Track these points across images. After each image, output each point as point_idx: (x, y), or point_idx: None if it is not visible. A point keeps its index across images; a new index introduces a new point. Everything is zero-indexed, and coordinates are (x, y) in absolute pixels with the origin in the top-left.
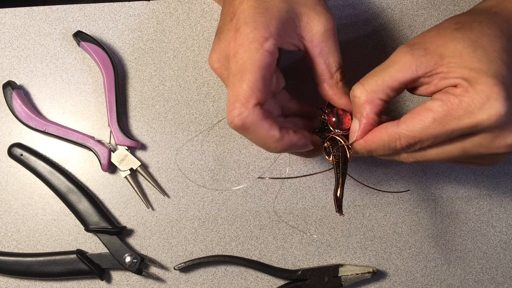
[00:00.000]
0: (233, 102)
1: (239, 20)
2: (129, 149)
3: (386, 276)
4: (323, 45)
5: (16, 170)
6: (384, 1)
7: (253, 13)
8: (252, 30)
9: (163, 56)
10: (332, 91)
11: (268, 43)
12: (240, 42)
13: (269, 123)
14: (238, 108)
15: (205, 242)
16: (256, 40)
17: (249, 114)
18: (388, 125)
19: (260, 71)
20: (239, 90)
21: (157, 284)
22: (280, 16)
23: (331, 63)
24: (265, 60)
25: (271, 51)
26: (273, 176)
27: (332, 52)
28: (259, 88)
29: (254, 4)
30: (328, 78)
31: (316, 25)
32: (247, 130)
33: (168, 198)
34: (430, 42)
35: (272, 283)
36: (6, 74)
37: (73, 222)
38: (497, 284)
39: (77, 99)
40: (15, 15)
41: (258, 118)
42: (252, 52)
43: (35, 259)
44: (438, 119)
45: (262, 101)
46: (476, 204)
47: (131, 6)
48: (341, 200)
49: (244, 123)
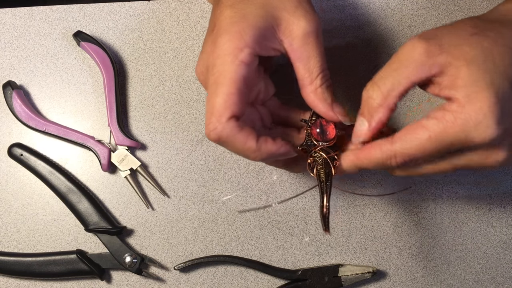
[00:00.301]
0: (209, 116)
1: (218, 31)
2: (129, 149)
3: (386, 276)
4: (302, 49)
5: (16, 170)
6: (384, 1)
7: (228, 23)
8: (226, 42)
9: (163, 56)
10: (311, 97)
11: (243, 54)
12: (216, 55)
13: (244, 135)
14: (212, 123)
15: (205, 242)
16: (230, 52)
17: (224, 128)
18: (382, 143)
19: (234, 84)
20: (214, 104)
21: (157, 284)
22: (257, 23)
23: (312, 67)
24: (240, 72)
25: (247, 62)
26: (253, 207)
27: (313, 57)
28: (234, 102)
29: (230, 14)
30: (308, 83)
31: (295, 29)
32: (223, 143)
33: (168, 198)
34: (445, 39)
35: (272, 283)
36: (6, 74)
37: (73, 222)
38: (497, 284)
39: (77, 99)
40: (15, 15)
41: (232, 132)
42: (227, 65)
43: (35, 259)
44: (433, 137)
45: (238, 113)
46: (476, 204)
47: (131, 6)
48: (327, 217)
49: (219, 137)
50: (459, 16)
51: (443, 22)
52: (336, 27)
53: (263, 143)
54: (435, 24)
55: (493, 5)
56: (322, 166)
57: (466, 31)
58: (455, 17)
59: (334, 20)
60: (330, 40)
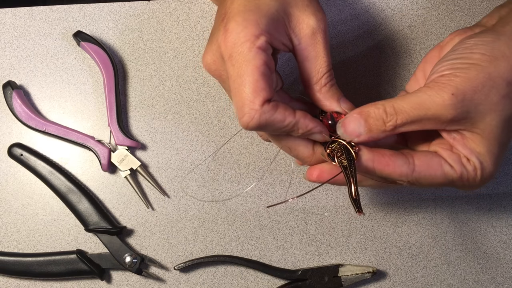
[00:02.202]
0: (241, 107)
1: (229, 20)
2: (129, 149)
3: (386, 276)
4: (310, 49)
5: (16, 170)
6: (384, 1)
7: (242, 11)
8: (242, 29)
9: (163, 56)
10: (317, 96)
11: (260, 41)
12: (232, 43)
13: (281, 113)
14: (248, 113)
15: (205, 242)
16: (248, 39)
17: (260, 114)
18: (402, 165)
19: (257, 70)
20: (243, 95)
21: (157, 284)
22: (271, 14)
23: (318, 67)
24: (260, 58)
25: (264, 48)
26: (278, 202)
27: (320, 56)
28: (262, 87)
29: (244, 2)
30: (314, 82)
31: (304, 28)
32: (263, 128)
33: (168, 198)
34: (476, 94)
35: (272, 283)
36: (6, 74)
37: (73, 222)
38: (497, 284)
39: (77, 99)
40: (15, 15)
41: (270, 114)
42: (246, 53)
43: (35, 259)
44: (448, 182)
45: (269, 97)
46: (476, 204)
47: (131, 6)
48: (358, 200)
49: (259, 123)
50: (459, 16)
51: (443, 22)
52: (336, 27)
53: (301, 117)
54: (435, 24)
55: (493, 5)
56: (343, 153)
57: (501, 86)
58: (455, 17)
59: (334, 20)
60: (330, 40)
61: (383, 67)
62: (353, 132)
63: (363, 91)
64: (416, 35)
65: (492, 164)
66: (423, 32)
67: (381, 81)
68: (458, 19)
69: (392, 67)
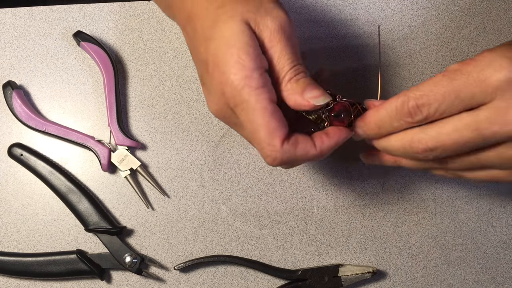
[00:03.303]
0: (261, 150)
1: (216, 70)
2: (129, 149)
3: (386, 276)
4: (273, 50)
5: (16, 170)
6: (384, 1)
7: (222, 56)
8: (235, 78)
9: (163, 56)
10: (283, 95)
11: (255, 80)
12: (231, 94)
13: (302, 148)
14: (270, 156)
15: (205, 242)
16: (244, 85)
17: (282, 154)
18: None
19: (266, 111)
20: (260, 140)
21: (157, 284)
22: (245, 42)
23: (281, 65)
24: (263, 98)
25: (262, 84)
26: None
27: (282, 56)
28: (275, 127)
29: (216, 45)
30: (280, 83)
31: (262, 30)
32: (288, 164)
33: (168, 198)
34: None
35: (272, 283)
36: (6, 74)
37: (73, 222)
38: (497, 284)
39: (77, 99)
40: (15, 15)
41: (291, 152)
42: (248, 100)
43: (35, 259)
44: (447, 75)
45: (284, 134)
46: (476, 204)
47: (131, 6)
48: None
49: (282, 162)
50: (459, 16)
51: (443, 22)
52: (336, 27)
53: (320, 144)
54: (435, 24)
55: (493, 5)
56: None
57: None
58: (455, 17)
59: (334, 20)
60: (330, 41)
61: (383, 67)
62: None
63: (363, 91)
64: (416, 35)
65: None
66: (423, 32)
67: (381, 81)
68: (458, 19)
69: (392, 67)
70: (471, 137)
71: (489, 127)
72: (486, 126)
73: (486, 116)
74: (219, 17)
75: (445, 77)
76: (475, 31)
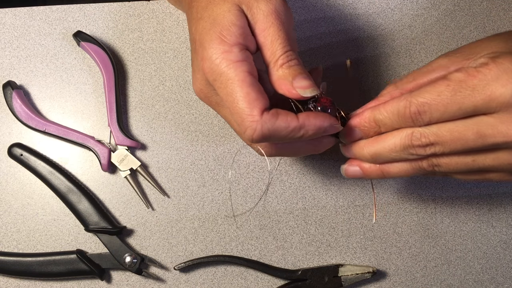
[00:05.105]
0: (241, 123)
1: (200, 46)
2: (129, 149)
3: (386, 276)
4: (265, 33)
5: (16, 170)
6: (384, 1)
7: (206, 34)
8: (213, 52)
9: (163, 56)
10: (273, 80)
11: (233, 54)
12: (209, 68)
13: (283, 118)
14: (249, 127)
15: (205, 242)
16: (222, 58)
17: (262, 124)
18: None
19: (244, 83)
20: (239, 111)
21: (157, 284)
22: (230, 21)
23: (274, 49)
24: (242, 70)
25: (241, 58)
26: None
27: (275, 40)
28: (255, 97)
29: (202, 25)
30: (271, 68)
31: (255, 13)
32: (269, 138)
33: (168, 198)
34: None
35: (272, 283)
36: (6, 74)
37: (73, 222)
38: (497, 284)
39: (77, 99)
40: (15, 15)
41: (271, 122)
42: (226, 72)
43: (35, 259)
44: (452, 85)
45: (265, 105)
46: (476, 204)
47: (131, 6)
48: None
49: (263, 134)
50: (459, 16)
51: (443, 22)
52: (337, 27)
53: (305, 119)
54: (435, 24)
55: (493, 5)
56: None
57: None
58: (455, 17)
59: (334, 20)
60: (330, 40)
61: (383, 67)
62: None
63: (363, 91)
64: (416, 35)
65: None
66: (423, 32)
67: (381, 81)
68: (458, 19)
69: (392, 67)
70: (472, 138)
71: (492, 133)
72: (489, 133)
73: (490, 121)
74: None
75: (449, 87)
76: (475, 31)
